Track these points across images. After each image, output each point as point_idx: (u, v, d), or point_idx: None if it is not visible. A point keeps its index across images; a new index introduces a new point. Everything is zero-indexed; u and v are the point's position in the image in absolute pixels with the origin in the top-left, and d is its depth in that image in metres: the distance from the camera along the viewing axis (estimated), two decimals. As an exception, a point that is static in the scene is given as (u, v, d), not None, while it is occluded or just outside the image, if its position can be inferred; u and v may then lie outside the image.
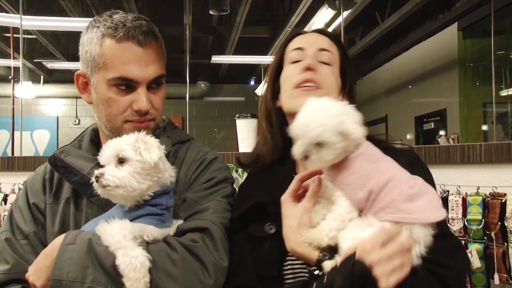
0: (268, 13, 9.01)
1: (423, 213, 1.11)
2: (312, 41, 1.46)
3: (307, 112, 1.17)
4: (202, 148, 1.57)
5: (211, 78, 12.08)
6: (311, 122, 1.13)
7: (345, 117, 1.13)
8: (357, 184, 1.14)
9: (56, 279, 1.20)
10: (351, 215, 1.14)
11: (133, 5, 7.24)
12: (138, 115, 1.42)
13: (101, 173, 1.25)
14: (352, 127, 1.12)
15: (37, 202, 1.52)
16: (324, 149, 1.13)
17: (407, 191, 1.12)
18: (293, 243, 1.20)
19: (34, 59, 10.19)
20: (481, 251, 1.87)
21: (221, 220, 1.38)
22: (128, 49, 1.38)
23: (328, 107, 1.16)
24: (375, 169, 1.15)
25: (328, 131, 1.11)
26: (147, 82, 1.41)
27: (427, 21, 7.71)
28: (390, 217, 1.10)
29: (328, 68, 1.42)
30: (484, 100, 7.30)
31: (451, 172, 2.05)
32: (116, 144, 1.29)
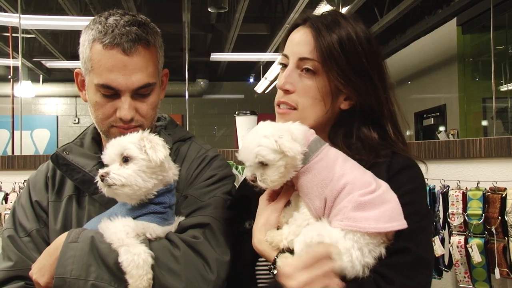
0: (266, 10, 9.00)
1: (369, 222, 1.09)
2: (295, 46, 1.34)
3: (247, 138, 1.21)
4: (203, 145, 1.57)
5: (210, 75, 12.07)
6: (249, 145, 1.17)
7: (280, 136, 1.15)
8: (314, 193, 1.16)
9: (60, 277, 1.21)
10: (307, 221, 1.16)
11: (132, 3, 7.22)
12: (122, 122, 1.42)
13: (106, 172, 1.24)
14: (287, 145, 1.13)
15: (39, 200, 1.52)
16: (268, 169, 1.16)
17: (358, 198, 1.12)
18: (256, 240, 1.22)
19: (33, 58, 10.18)
20: (481, 246, 1.87)
21: (223, 215, 1.39)
22: (112, 56, 1.37)
23: (264, 128, 1.19)
24: (331, 176, 1.16)
25: (265, 150, 1.14)
26: (131, 91, 1.40)
27: (426, 16, 7.70)
28: (338, 224, 1.11)
29: (309, 79, 1.31)
30: (484, 96, 7.30)
31: (451, 167, 2.06)
32: (120, 143, 1.28)
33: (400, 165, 1.27)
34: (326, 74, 1.30)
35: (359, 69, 1.30)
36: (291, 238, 1.15)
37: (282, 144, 1.13)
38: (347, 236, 1.09)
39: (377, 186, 1.15)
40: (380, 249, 1.12)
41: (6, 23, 6.56)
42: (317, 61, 1.29)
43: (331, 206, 1.14)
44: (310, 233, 1.12)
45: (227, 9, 7.09)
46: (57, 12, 7.78)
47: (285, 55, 1.37)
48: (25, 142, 7.18)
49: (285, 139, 1.14)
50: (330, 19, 1.33)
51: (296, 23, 1.39)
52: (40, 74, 11.05)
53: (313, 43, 1.30)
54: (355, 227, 1.09)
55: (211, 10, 7.10)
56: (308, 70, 1.31)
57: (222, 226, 1.36)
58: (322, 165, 1.18)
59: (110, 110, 1.42)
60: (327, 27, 1.30)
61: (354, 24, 1.33)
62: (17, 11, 5.89)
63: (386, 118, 1.35)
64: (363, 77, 1.31)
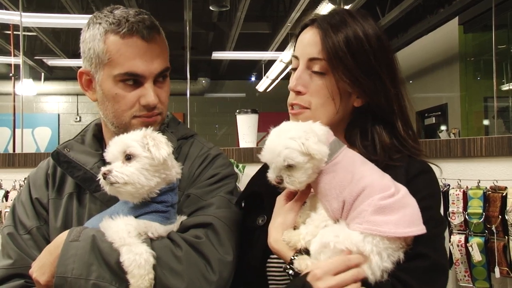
0: (268, 8, 8.99)
1: (390, 227, 1.09)
2: (304, 47, 1.34)
3: (271, 138, 1.20)
4: (206, 144, 1.57)
5: (212, 74, 12.06)
6: (275, 147, 1.16)
7: (306, 137, 1.15)
8: (332, 195, 1.16)
9: (61, 276, 1.21)
10: (325, 223, 1.16)
11: (133, 1, 7.22)
12: (146, 110, 1.43)
13: (108, 170, 1.24)
14: (315, 147, 1.13)
15: (39, 197, 1.52)
16: (295, 171, 1.15)
17: (378, 202, 1.11)
18: (272, 238, 1.22)
19: (35, 56, 10.17)
20: (482, 245, 1.87)
21: (226, 215, 1.38)
22: (133, 44, 1.38)
23: (288, 129, 1.18)
24: (350, 178, 1.16)
25: (293, 153, 1.13)
26: (154, 76, 1.42)
27: (428, 15, 7.69)
28: (357, 227, 1.11)
29: (320, 79, 1.32)
30: (485, 95, 7.29)
31: (452, 165, 2.05)
32: (123, 140, 1.28)
33: (417, 170, 1.27)
34: (333, 74, 1.30)
35: (366, 68, 1.29)
36: (309, 239, 1.15)
37: (310, 146, 1.13)
38: (366, 239, 1.09)
39: (396, 190, 1.15)
40: (398, 254, 1.11)
41: (7, 21, 6.56)
42: (325, 60, 1.30)
43: (349, 209, 1.14)
44: (328, 235, 1.12)
45: (229, 8, 7.09)
46: (59, 10, 7.78)
47: (296, 56, 1.38)
48: (27, 140, 7.18)
49: (312, 141, 1.14)
50: (337, 19, 1.32)
51: (305, 23, 1.39)
52: (41, 72, 11.04)
53: (321, 43, 1.30)
54: (375, 231, 1.09)
55: (213, 9, 7.10)
56: (318, 70, 1.32)
57: (225, 225, 1.35)
58: (341, 166, 1.17)
59: (133, 99, 1.42)
60: (334, 27, 1.30)
61: (362, 21, 1.32)
62: (18, 9, 5.89)
63: (396, 115, 1.35)
64: (371, 76, 1.30)
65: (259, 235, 1.33)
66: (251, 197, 1.43)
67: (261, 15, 9.00)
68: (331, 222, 1.16)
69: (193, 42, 8.59)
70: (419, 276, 1.13)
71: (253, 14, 8.21)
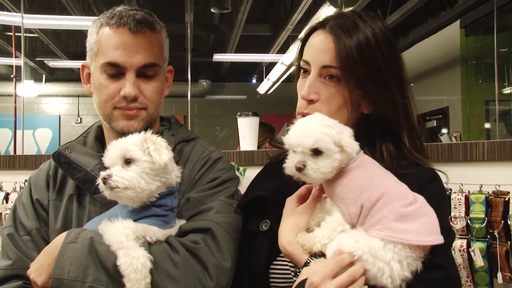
0: (269, 11, 8.99)
1: (412, 235, 1.07)
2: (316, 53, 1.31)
3: (300, 124, 1.17)
4: (207, 147, 1.56)
5: (213, 76, 12.06)
6: (306, 129, 1.13)
7: (341, 130, 1.13)
8: (349, 199, 1.13)
9: (57, 278, 1.20)
10: (342, 227, 1.14)
11: (134, 3, 7.22)
12: (125, 102, 1.43)
13: (108, 174, 1.22)
14: (346, 141, 1.11)
15: (40, 199, 1.52)
16: (322, 159, 1.11)
17: (400, 209, 1.10)
18: (285, 241, 1.20)
19: (36, 58, 10.18)
20: (484, 250, 1.85)
21: (225, 220, 1.36)
22: (119, 35, 1.41)
23: (322, 119, 1.17)
24: (369, 183, 1.14)
25: (326, 137, 1.10)
26: (136, 69, 1.42)
27: (429, 18, 7.68)
28: (377, 234, 1.09)
29: (333, 87, 1.29)
30: (487, 98, 7.27)
31: (454, 170, 2.04)
32: (122, 145, 1.27)
33: (427, 177, 1.27)
34: (346, 82, 1.28)
35: (377, 78, 1.27)
36: (325, 242, 1.13)
37: (343, 138, 1.11)
38: (387, 247, 1.07)
39: (414, 198, 1.13)
40: (417, 264, 1.09)
41: (9, 23, 6.57)
42: (339, 69, 1.27)
43: (366, 214, 1.12)
44: (347, 240, 1.09)
45: (230, 10, 7.09)
46: (60, 12, 7.78)
47: (307, 61, 1.34)
48: (27, 142, 7.18)
49: (345, 134, 1.12)
50: (349, 23, 1.29)
51: (316, 26, 1.35)
52: (42, 73, 11.06)
53: (334, 50, 1.27)
54: (397, 238, 1.07)
55: (214, 11, 7.10)
56: (332, 77, 1.29)
57: (224, 231, 1.33)
58: (360, 170, 1.15)
59: (115, 90, 1.43)
60: (347, 33, 1.27)
61: (372, 24, 1.30)
62: (20, 10, 5.89)
63: (402, 126, 1.32)
64: (381, 85, 1.28)
65: (262, 241, 1.32)
66: (254, 202, 1.41)
67: (263, 17, 9.00)
68: (347, 226, 1.14)
69: (194, 44, 8.60)
70: (435, 287, 1.12)
71: (254, 16, 8.21)
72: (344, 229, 1.13)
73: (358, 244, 1.08)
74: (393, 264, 1.06)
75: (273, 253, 1.30)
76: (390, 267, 1.06)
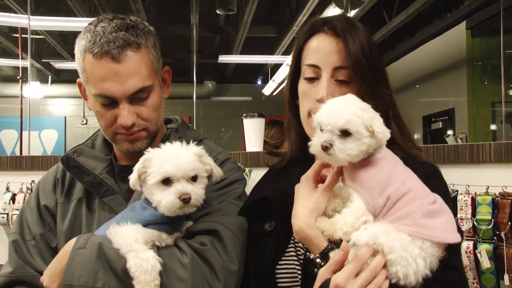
0: (275, 12, 8.98)
1: (440, 232, 1.08)
2: (326, 56, 1.32)
3: (333, 103, 1.15)
4: (214, 148, 1.56)
5: (218, 77, 12.07)
6: (339, 109, 1.10)
7: (374, 115, 1.12)
8: (376, 189, 1.11)
9: (68, 284, 1.21)
10: (365, 217, 1.11)
11: (140, 4, 7.24)
12: (124, 129, 1.43)
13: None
14: (378, 126, 1.10)
15: (47, 204, 1.53)
16: (350, 140, 1.09)
17: (427, 206, 1.10)
18: (305, 223, 1.16)
19: (42, 59, 10.23)
20: (490, 252, 1.85)
21: (232, 222, 1.36)
22: (103, 66, 1.36)
23: (356, 101, 1.15)
24: (396, 176, 1.13)
25: (358, 120, 1.09)
26: (127, 97, 1.39)
27: (435, 20, 7.66)
28: (405, 229, 1.08)
29: (346, 88, 1.32)
30: (493, 99, 7.24)
31: (460, 171, 2.04)
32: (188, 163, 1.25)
33: (429, 172, 1.27)
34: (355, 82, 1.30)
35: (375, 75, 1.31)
36: (347, 230, 1.10)
37: (375, 124, 1.10)
38: (415, 242, 1.07)
39: (434, 197, 1.14)
40: (436, 262, 1.09)
41: (15, 24, 6.61)
42: (349, 69, 1.29)
43: (390, 207, 1.11)
44: (378, 231, 1.07)
45: (236, 11, 7.08)
46: (66, 14, 7.81)
47: (316, 65, 1.34)
48: (33, 143, 7.21)
49: (378, 120, 1.11)
50: (350, 25, 1.32)
51: (315, 28, 1.36)
52: (48, 75, 11.10)
53: (344, 52, 1.29)
54: (426, 235, 1.07)
55: (220, 12, 7.10)
56: (343, 81, 1.31)
57: (231, 233, 1.33)
58: (386, 162, 1.14)
59: (111, 118, 1.42)
60: (351, 34, 1.30)
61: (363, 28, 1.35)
62: (26, 12, 5.92)
63: (391, 120, 1.35)
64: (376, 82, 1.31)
65: (267, 242, 1.31)
66: (257, 204, 1.41)
67: (268, 19, 9.00)
68: (370, 217, 1.11)
69: (200, 45, 8.60)
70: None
71: (260, 18, 8.21)
72: (367, 220, 1.11)
73: (389, 236, 1.07)
74: (419, 261, 1.06)
75: (279, 253, 1.29)
76: (416, 264, 1.06)
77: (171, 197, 1.19)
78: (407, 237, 1.07)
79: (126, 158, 1.53)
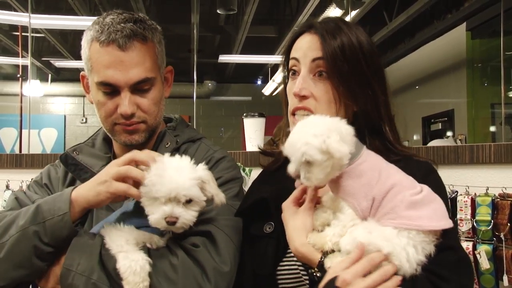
0: (275, 12, 8.99)
1: (424, 221, 1.10)
2: (305, 51, 1.36)
3: (295, 131, 1.18)
4: (212, 147, 1.56)
5: (218, 77, 12.08)
6: (297, 141, 1.14)
7: (329, 135, 1.12)
8: (360, 194, 1.15)
9: (67, 268, 1.22)
10: (353, 222, 1.15)
11: (141, 4, 7.25)
12: (124, 119, 1.43)
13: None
14: (335, 147, 1.11)
15: (48, 184, 1.55)
16: (313, 168, 1.13)
17: (410, 198, 1.12)
18: (298, 243, 1.19)
19: (42, 58, 10.23)
20: (490, 252, 1.85)
21: (226, 223, 1.35)
22: (109, 53, 1.38)
23: (313, 125, 1.16)
24: (377, 176, 1.15)
25: (312, 150, 1.11)
26: (130, 86, 1.41)
27: (435, 21, 7.67)
28: (391, 223, 1.11)
29: (323, 83, 1.33)
30: (492, 101, 7.26)
31: (460, 172, 2.04)
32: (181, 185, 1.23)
33: (425, 170, 1.30)
34: (332, 80, 1.32)
35: (359, 76, 1.32)
36: (336, 240, 1.14)
37: (330, 145, 1.11)
38: (401, 233, 1.09)
39: (421, 187, 1.16)
40: (430, 247, 1.12)
41: (16, 22, 6.60)
42: (326, 64, 1.31)
43: (378, 206, 1.14)
44: (360, 232, 1.11)
45: (236, 11, 7.09)
46: (67, 12, 7.81)
47: (296, 59, 1.37)
48: (33, 141, 7.22)
49: (333, 139, 1.12)
50: (332, 26, 1.35)
51: (302, 30, 1.40)
52: (48, 73, 11.11)
53: (321, 47, 1.32)
54: (411, 225, 1.09)
55: (220, 12, 7.10)
56: (321, 74, 1.33)
57: (224, 234, 1.32)
58: (367, 166, 1.17)
59: (112, 107, 1.43)
60: (330, 33, 1.33)
61: (355, 29, 1.36)
62: (27, 10, 5.93)
63: (384, 122, 1.37)
64: (362, 83, 1.32)
65: (267, 243, 1.31)
66: (254, 206, 1.40)
67: (268, 19, 9.01)
68: (358, 220, 1.15)
69: (200, 45, 8.61)
70: (451, 268, 1.13)
71: (260, 18, 8.22)
72: (355, 224, 1.14)
73: (372, 234, 1.09)
74: (409, 249, 1.08)
75: (279, 254, 1.30)
76: (406, 252, 1.08)
77: (158, 216, 1.18)
78: (393, 230, 1.10)
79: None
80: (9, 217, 1.29)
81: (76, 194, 1.26)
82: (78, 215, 1.26)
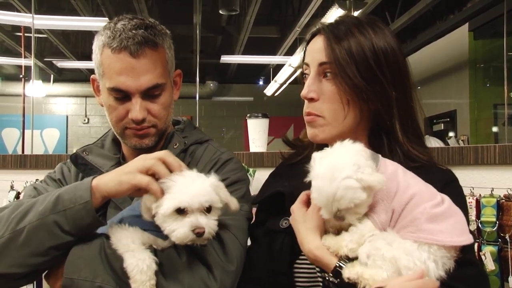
0: (277, 13, 9.00)
1: (445, 236, 1.08)
2: (313, 54, 1.36)
3: (322, 181, 1.11)
4: (219, 148, 1.57)
5: (220, 78, 12.09)
6: (333, 191, 1.09)
7: (362, 171, 1.09)
8: (380, 207, 1.13)
9: (69, 277, 1.21)
10: (372, 232, 1.12)
11: (143, 4, 7.25)
12: (134, 124, 1.45)
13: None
14: (372, 180, 1.08)
15: (62, 180, 1.56)
16: (357, 208, 1.11)
17: (430, 210, 1.10)
18: (313, 245, 1.16)
19: (45, 58, 10.25)
20: (495, 254, 1.85)
21: (232, 223, 1.36)
22: (121, 60, 1.40)
23: (340, 168, 1.10)
24: (395, 187, 1.13)
25: (357, 192, 1.08)
26: (141, 93, 1.43)
27: (438, 21, 7.67)
28: (410, 236, 1.09)
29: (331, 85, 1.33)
30: (495, 102, 7.25)
31: (465, 173, 2.03)
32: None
33: (447, 178, 1.29)
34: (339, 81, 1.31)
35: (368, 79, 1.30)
36: (352, 247, 1.11)
37: (368, 179, 1.08)
38: (422, 248, 1.07)
39: (442, 198, 1.14)
40: (451, 262, 1.10)
41: (19, 23, 6.62)
42: (332, 65, 1.31)
43: (397, 218, 1.12)
44: (380, 243, 1.08)
45: (238, 12, 7.09)
46: (69, 13, 7.82)
47: (306, 63, 1.39)
48: (35, 142, 7.23)
49: (367, 173, 1.09)
50: (342, 29, 1.34)
51: (313, 33, 1.41)
52: (51, 74, 11.12)
53: (325, 53, 1.32)
54: (431, 240, 1.07)
55: (222, 12, 7.11)
56: (326, 74, 1.34)
57: (230, 234, 1.33)
58: (386, 176, 1.13)
59: (123, 112, 1.45)
60: (337, 37, 1.32)
61: (371, 32, 1.33)
62: (30, 11, 5.93)
63: (395, 119, 1.34)
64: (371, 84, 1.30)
65: (283, 239, 1.30)
66: (270, 200, 1.41)
67: (270, 19, 9.01)
68: (377, 231, 1.13)
69: (202, 45, 8.61)
70: (470, 284, 1.12)
71: (262, 18, 8.22)
72: (374, 234, 1.12)
73: (391, 246, 1.07)
74: (429, 264, 1.07)
75: (295, 251, 1.28)
76: (426, 266, 1.06)
77: (185, 229, 1.15)
78: (413, 243, 1.08)
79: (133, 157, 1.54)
80: (26, 204, 1.28)
81: (97, 182, 1.25)
82: (100, 203, 1.25)
